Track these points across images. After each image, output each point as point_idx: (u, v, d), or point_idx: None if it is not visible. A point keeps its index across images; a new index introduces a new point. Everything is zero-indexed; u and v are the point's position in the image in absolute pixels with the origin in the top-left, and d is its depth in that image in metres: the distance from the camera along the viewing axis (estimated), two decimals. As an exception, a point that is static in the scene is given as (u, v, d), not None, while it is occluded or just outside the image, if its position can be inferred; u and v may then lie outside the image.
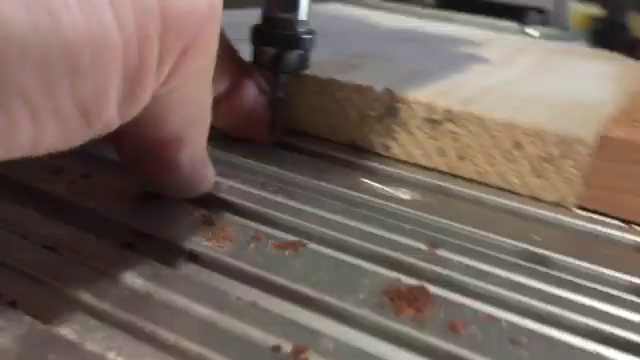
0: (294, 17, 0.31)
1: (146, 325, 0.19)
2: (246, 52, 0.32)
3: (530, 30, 0.68)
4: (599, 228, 0.29)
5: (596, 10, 0.67)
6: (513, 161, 0.31)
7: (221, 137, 0.33)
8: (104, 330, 0.19)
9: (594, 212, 0.30)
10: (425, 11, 0.77)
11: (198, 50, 0.19)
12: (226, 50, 0.31)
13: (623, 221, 0.29)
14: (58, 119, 0.16)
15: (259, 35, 0.32)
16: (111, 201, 0.26)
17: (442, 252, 0.25)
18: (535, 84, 0.39)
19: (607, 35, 0.61)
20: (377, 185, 0.31)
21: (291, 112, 0.36)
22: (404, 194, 0.30)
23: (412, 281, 0.23)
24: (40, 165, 0.28)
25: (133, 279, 0.21)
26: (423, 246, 0.25)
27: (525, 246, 0.26)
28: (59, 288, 0.20)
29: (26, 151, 0.16)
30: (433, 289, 0.22)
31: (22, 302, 0.20)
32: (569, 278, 0.25)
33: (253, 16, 0.32)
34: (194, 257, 0.23)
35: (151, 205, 0.26)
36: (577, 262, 0.26)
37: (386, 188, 0.30)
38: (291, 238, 0.25)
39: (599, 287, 0.24)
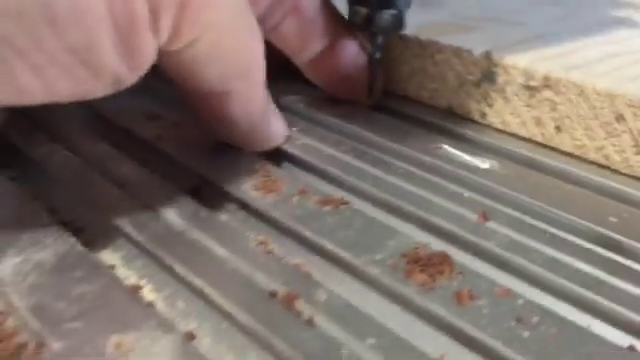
0: (388, -24, 0.31)
1: (168, 258, 0.21)
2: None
3: None
4: (699, 216, 0.25)
5: None
6: (614, 135, 0.28)
7: (319, 97, 0.34)
8: (141, 259, 0.22)
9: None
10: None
11: (200, 3, 0.20)
12: (325, 9, 0.32)
13: None
14: (59, 67, 0.18)
15: (353, -6, 0.32)
16: (188, 148, 0.28)
17: (492, 224, 0.24)
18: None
19: None
20: (456, 152, 0.30)
21: (392, 74, 0.35)
22: (483, 163, 0.29)
23: (442, 248, 0.22)
24: (141, 111, 0.31)
25: (174, 217, 0.23)
26: (474, 216, 0.24)
27: (595, 227, 0.24)
28: (111, 218, 0.23)
29: (44, 97, 0.18)
30: (461, 258, 0.22)
31: (78, 228, 0.23)
32: (635, 267, 0.22)
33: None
34: (239, 203, 0.25)
35: (220, 155, 0.28)
36: (651, 250, 0.23)
37: (465, 156, 0.29)
38: (338, 196, 0.25)
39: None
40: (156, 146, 0.28)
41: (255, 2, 0.29)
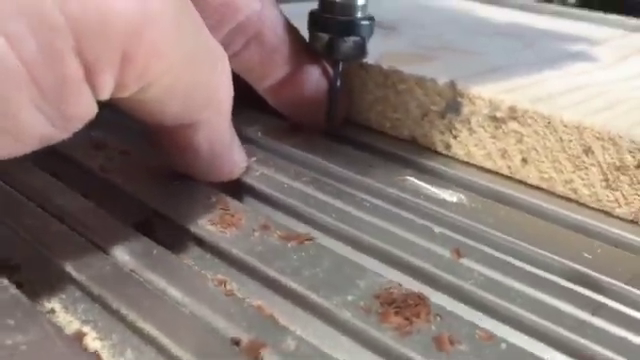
0: (351, 2, 0.30)
1: (116, 301, 0.19)
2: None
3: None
4: (673, 252, 0.24)
5: None
6: (582, 168, 0.27)
7: (276, 125, 0.33)
8: (85, 302, 0.20)
9: (672, 233, 0.25)
10: (561, 8, 0.71)
11: (146, 52, 0.18)
12: (288, 35, 0.31)
13: None
14: None
15: (314, 20, 0.31)
16: (137, 180, 0.26)
17: (466, 261, 0.23)
18: (635, 87, 0.34)
19: None
20: (423, 185, 0.28)
21: (354, 103, 0.34)
22: (450, 196, 0.28)
23: (416, 287, 0.21)
24: (86, 139, 0.29)
25: (123, 255, 0.21)
26: (447, 253, 0.23)
27: (571, 264, 0.23)
28: (51, 255, 0.21)
29: None
30: (436, 299, 0.20)
31: (13, 267, 0.20)
32: (614, 306, 0.21)
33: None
34: (195, 239, 0.23)
35: (175, 187, 0.26)
36: (629, 289, 0.22)
37: (432, 188, 0.28)
38: (302, 230, 0.23)
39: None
40: (102, 177, 0.26)
41: (214, 30, 0.27)
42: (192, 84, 0.21)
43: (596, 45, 0.45)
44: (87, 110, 0.18)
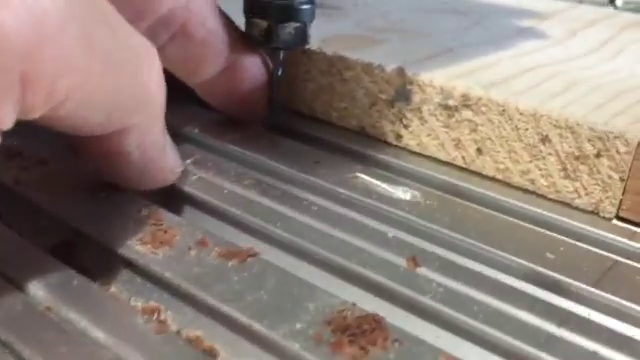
0: (290, -16, 0.28)
1: (28, 348, 0.16)
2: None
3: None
4: (636, 245, 0.23)
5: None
6: (539, 158, 0.26)
7: (214, 120, 0.30)
8: (-7, 348, 0.17)
9: (634, 224, 0.24)
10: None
11: (51, 71, 0.15)
12: (219, 27, 0.28)
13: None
14: None
15: (250, 5, 0.28)
16: (57, 193, 0.23)
17: (423, 270, 0.21)
18: (588, 65, 0.32)
19: None
20: (374, 181, 0.26)
21: (297, 93, 0.32)
22: (404, 193, 0.26)
23: (371, 307, 0.19)
24: (-2, 148, 0.26)
25: (37, 290, 0.18)
26: (402, 262, 0.21)
27: (534, 266, 0.22)
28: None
29: None
30: (394, 317, 0.18)
31: None
32: (582, 314, 0.20)
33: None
34: (123, 262, 0.20)
35: (100, 199, 0.23)
36: (597, 292, 0.21)
37: (384, 185, 0.26)
38: (244, 245, 0.21)
39: (623, 330, 0.19)
40: (16, 191, 0.23)
41: (133, 23, 0.24)
42: (115, 90, 0.19)
43: (545, 20, 0.43)
44: None
